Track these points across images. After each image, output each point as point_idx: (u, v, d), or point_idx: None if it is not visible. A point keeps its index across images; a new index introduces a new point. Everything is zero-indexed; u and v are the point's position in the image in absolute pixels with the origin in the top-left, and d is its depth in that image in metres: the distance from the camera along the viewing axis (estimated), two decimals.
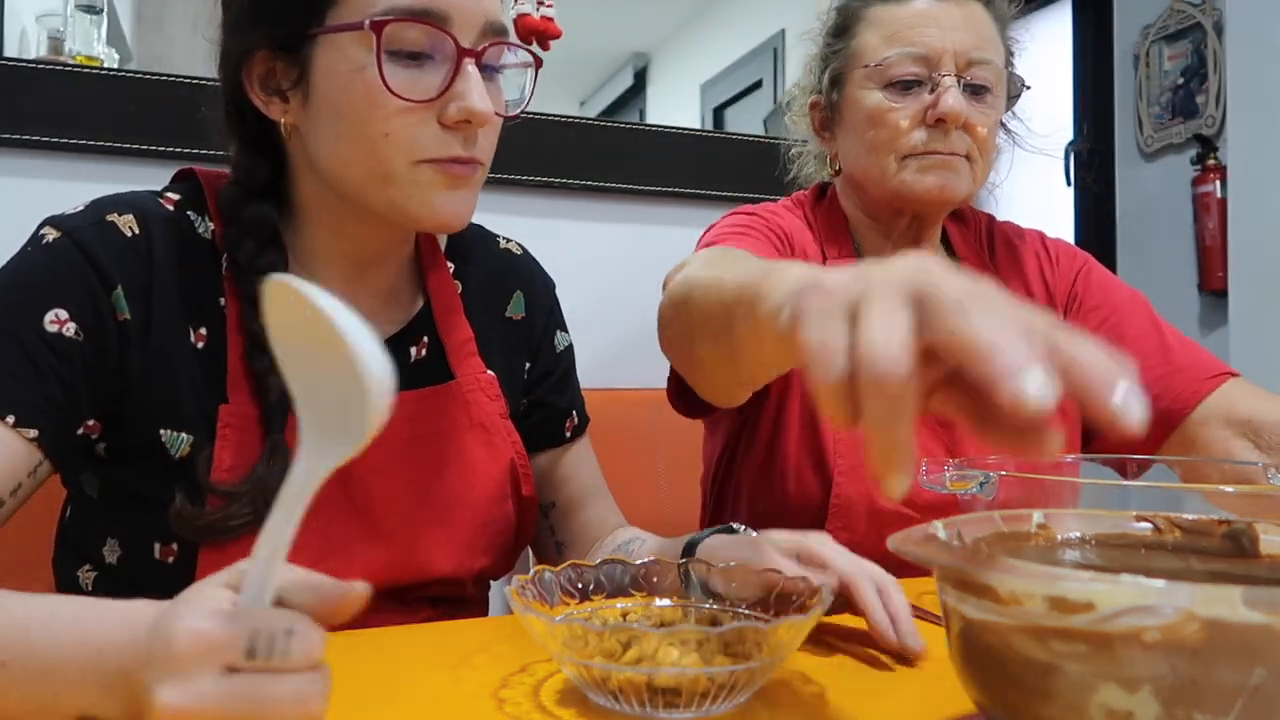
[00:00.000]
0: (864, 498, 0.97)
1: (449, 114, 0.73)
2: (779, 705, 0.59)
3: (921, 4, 1.00)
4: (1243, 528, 0.54)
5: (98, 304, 0.73)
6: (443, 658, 0.65)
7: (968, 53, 0.98)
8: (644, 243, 1.63)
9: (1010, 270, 1.14)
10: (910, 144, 1.00)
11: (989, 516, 0.56)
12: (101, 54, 1.39)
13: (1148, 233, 2.85)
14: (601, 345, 1.59)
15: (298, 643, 0.43)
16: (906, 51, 0.99)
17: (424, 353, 0.87)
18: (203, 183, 0.82)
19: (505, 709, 0.55)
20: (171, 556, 0.75)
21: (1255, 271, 2.20)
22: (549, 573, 0.65)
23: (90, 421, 0.74)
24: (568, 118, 1.59)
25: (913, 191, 1.01)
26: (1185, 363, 1.04)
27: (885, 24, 1.02)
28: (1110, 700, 0.40)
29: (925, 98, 0.99)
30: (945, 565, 0.46)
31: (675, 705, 0.53)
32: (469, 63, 0.73)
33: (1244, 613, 0.37)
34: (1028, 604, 0.41)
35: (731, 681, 0.53)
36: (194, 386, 0.76)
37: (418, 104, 0.72)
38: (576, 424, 0.98)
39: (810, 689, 0.61)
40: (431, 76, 0.73)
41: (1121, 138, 2.93)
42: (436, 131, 0.74)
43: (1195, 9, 2.66)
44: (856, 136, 1.05)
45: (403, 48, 0.72)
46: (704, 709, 0.54)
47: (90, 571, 0.79)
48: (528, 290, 0.96)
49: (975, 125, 0.99)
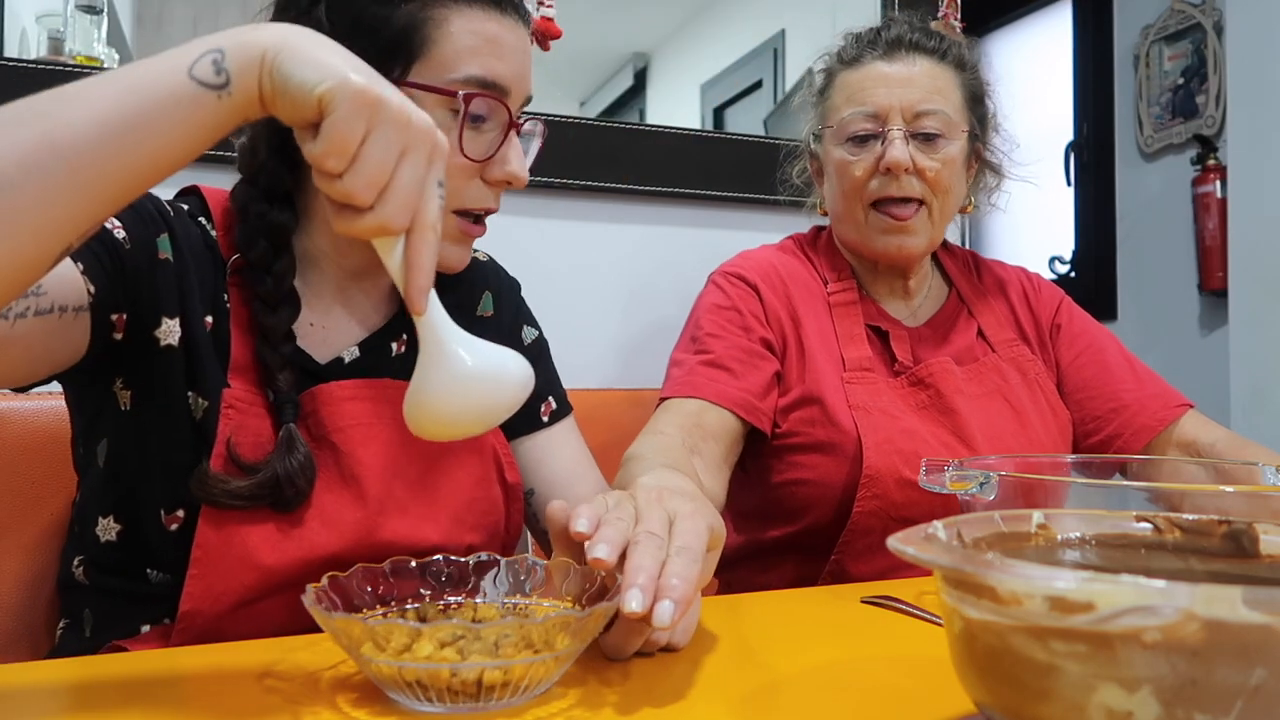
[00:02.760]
0: (892, 470, 1.05)
1: (493, 174, 0.83)
2: (777, 705, 0.59)
3: (876, 67, 1.14)
4: (1243, 528, 0.54)
5: (148, 231, 0.79)
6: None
7: (914, 106, 1.11)
8: (644, 243, 1.63)
9: (997, 294, 1.26)
10: (870, 192, 1.13)
11: (989, 516, 0.56)
12: (101, 54, 1.39)
13: (1148, 233, 2.85)
14: (601, 345, 1.59)
15: None
16: (859, 110, 1.13)
17: (403, 349, 0.92)
18: (207, 198, 0.87)
19: (302, 715, 0.54)
20: (176, 524, 0.79)
21: (1255, 271, 2.20)
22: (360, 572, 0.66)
23: (120, 316, 0.77)
24: (568, 118, 1.59)
25: (875, 249, 1.16)
26: (1155, 390, 1.19)
27: (847, 87, 1.16)
28: (1110, 700, 0.40)
29: (878, 149, 1.12)
30: (945, 565, 0.46)
31: (477, 697, 0.54)
32: (514, 131, 0.83)
33: (1244, 613, 0.37)
34: (1028, 604, 0.41)
35: (520, 676, 0.54)
36: (209, 361, 0.81)
37: (473, 163, 0.81)
38: (555, 409, 1.02)
39: (810, 689, 0.61)
40: (486, 138, 0.82)
41: (1121, 138, 2.93)
42: (480, 186, 0.83)
43: (1195, 9, 2.66)
44: (832, 186, 1.19)
45: (472, 112, 0.80)
46: (507, 699, 0.55)
47: (80, 564, 0.84)
48: (495, 291, 1.03)
49: (924, 170, 1.11)
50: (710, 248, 1.29)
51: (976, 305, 1.23)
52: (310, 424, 0.84)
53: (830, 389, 1.10)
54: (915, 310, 1.22)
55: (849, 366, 1.12)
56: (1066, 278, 3.04)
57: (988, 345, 1.19)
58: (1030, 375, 1.18)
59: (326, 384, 0.85)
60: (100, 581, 0.83)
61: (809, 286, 1.19)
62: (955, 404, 1.11)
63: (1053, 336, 1.24)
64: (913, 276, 1.21)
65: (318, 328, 0.88)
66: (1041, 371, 1.19)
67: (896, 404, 1.11)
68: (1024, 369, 1.18)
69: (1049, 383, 1.19)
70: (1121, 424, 1.16)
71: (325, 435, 0.84)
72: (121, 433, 0.81)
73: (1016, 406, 1.14)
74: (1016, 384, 1.16)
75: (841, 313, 1.16)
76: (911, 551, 0.47)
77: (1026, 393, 1.16)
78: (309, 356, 0.86)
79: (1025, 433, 1.13)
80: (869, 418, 1.08)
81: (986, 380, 1.16)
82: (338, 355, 0.88)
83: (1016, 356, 1.19)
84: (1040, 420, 1.15)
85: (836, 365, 1.12)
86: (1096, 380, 1.20)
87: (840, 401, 1.09)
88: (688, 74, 1.81)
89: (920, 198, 1.13)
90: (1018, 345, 1.20)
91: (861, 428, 1.07)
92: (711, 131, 1.72)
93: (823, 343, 1.14)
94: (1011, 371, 1.17)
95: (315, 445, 0.83)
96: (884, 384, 1.12)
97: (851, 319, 1.16)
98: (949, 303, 1.23)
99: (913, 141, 1.11)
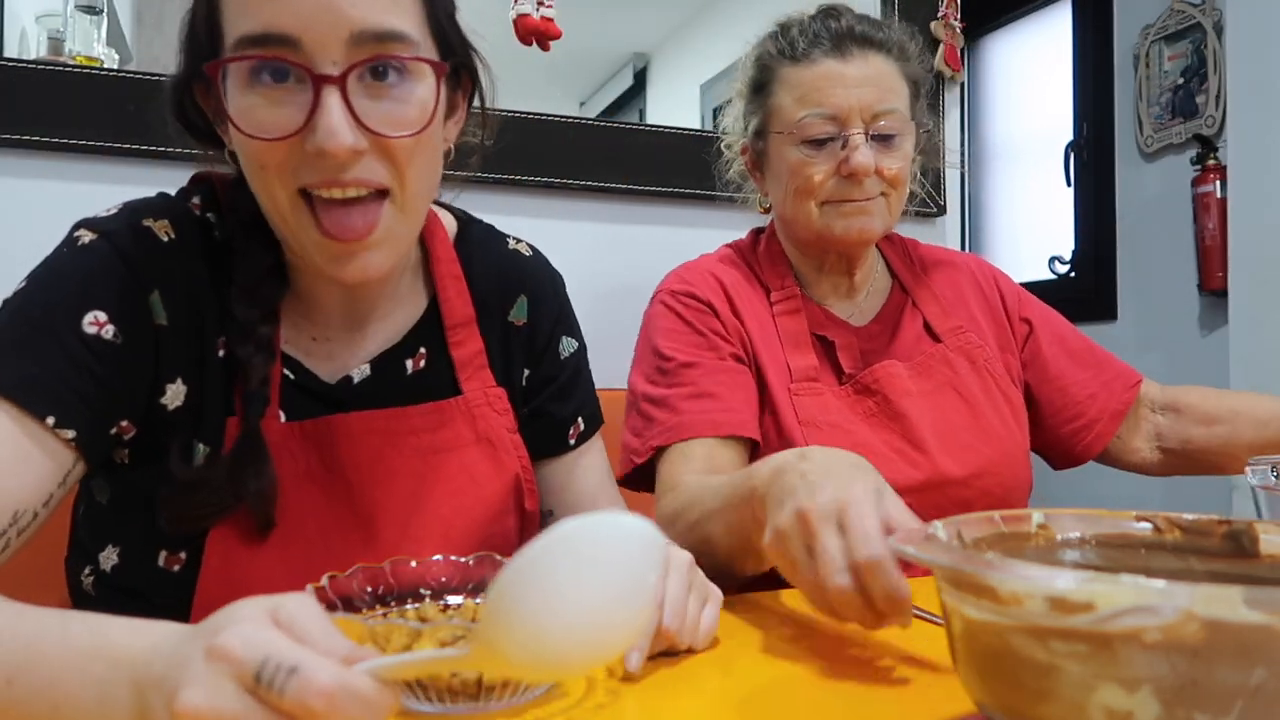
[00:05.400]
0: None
1: (306, 148, 0.67)
2: (778, 705, 0.59)
3: (826, 65, 1.09)
4: (1243, 528, 0.54)
5: (135, 307, 0.72)
6: None
7: (872, 107, 1.08)
8: (643, 243, 1.63)
9: (941, 281, 1.25)
10: (827, 192, 1.11)
11: (989, 516, 0.56)
12: (101, 54, 1.38)
13: (1148, 233, 2.85)
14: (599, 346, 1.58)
15: (295, 683, 0.42)
16: (817, 113, 1.09)
17: (422, 364, 0.84)
18: (217, 187, 0.81)
19: None
20: (178, 565, 0.75)
21: (1255, 271, 2.20)
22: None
23: (123, 423, 0.73)
24: (568, 118, 1.59)
25: (834, 235, 1.12)
26: (1116, 371, 1.24)
27: (796, 85, 1.11)
28: (1110, 700, 0.40)
29: (838, 152, 1.09)
30: (945, 565, 0.46)
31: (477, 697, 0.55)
32: (328, 91, 0.66)
33: (1244, 613, 0.37)
34: (1028, 604, 0.41)
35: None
36: (214, 397, 0.76)
37: (276, 141, 0.67)
38: (583, 430, 0.94)
39: (810, 689, 0.61)
40: (291, 102, 0.67)
41: (1121, 138, 2.92)
42: (303, 163, 0.69)
43: (1195, 9, 2.66)
44: (780, 185, 1.15)
45: (254, 82, 0.67)
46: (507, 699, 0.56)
47: (90, 575, 0.79)
48: (533, 295, 0.93)
49: (885, 169, 1.09)
50: (710, 247, 1.29)
51: (919, 294, 1.21)
52: (324, 455, 0.78)
53: (781, 401, 1.09)
54: (860, 306, 1.20)
55: (795, 377, 1.10)
56: (1066, 278, 3.04)
57: (933, 337, 1.18)
58: (979, 362, 1.17)
59: (343, 415, 0.79)
60: (108, 596, 0.79)
61: (751, 297, 1.16)
62: (903, 408, 1.10)
63: (1026, 336, 1.24)
64: (859, 270, 1.19)
65: (321, 342, 0.81)
66: (992, 357, 1.18)
67: (844, 414, 1.09)
68: (972, 357, 1.17)
69: (999, 367, 1.18)
70: (1099, 409, 1.21)
71: (341, 470, 0.78)
72: (122, 483, 0.77)
73: (967, 397, 1.14)
74: (966, 373, 1.15)
75: (786, 321, 1.14)
76: (912, 551, 0.47)
77: (977, 381, 1.15)
78: (314, 376, 0.80)
79: (978, 423, 1.12)
80: (819, 433, 1.07)
81: (936, 374, 1.15)
82: (346, 374, 0.81)
83: (964, 345, 1.17)
84: (993, 408, 1.14)
85: (783, 375, 1.11)
86: (1070, 369, 1.23)
87: (790, 416, 1.08)
88: (688, 74, 1.81)
89: (883, 193, 1.11)
90: (964, 333, 1.19)
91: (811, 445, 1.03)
92: (711, 131, 1.72)
93: (769, 353, 1.12)
94: (960, 361, 1.16)
95: (328, 479, 0.78)
96: (830, 395, 1.11)
97: (796, 327, 1.14)
98: (893, 296, 1.22)
99: (871, 142, 1.08)
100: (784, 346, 1.13)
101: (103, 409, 0.70)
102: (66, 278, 0.71)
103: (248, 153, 0.70)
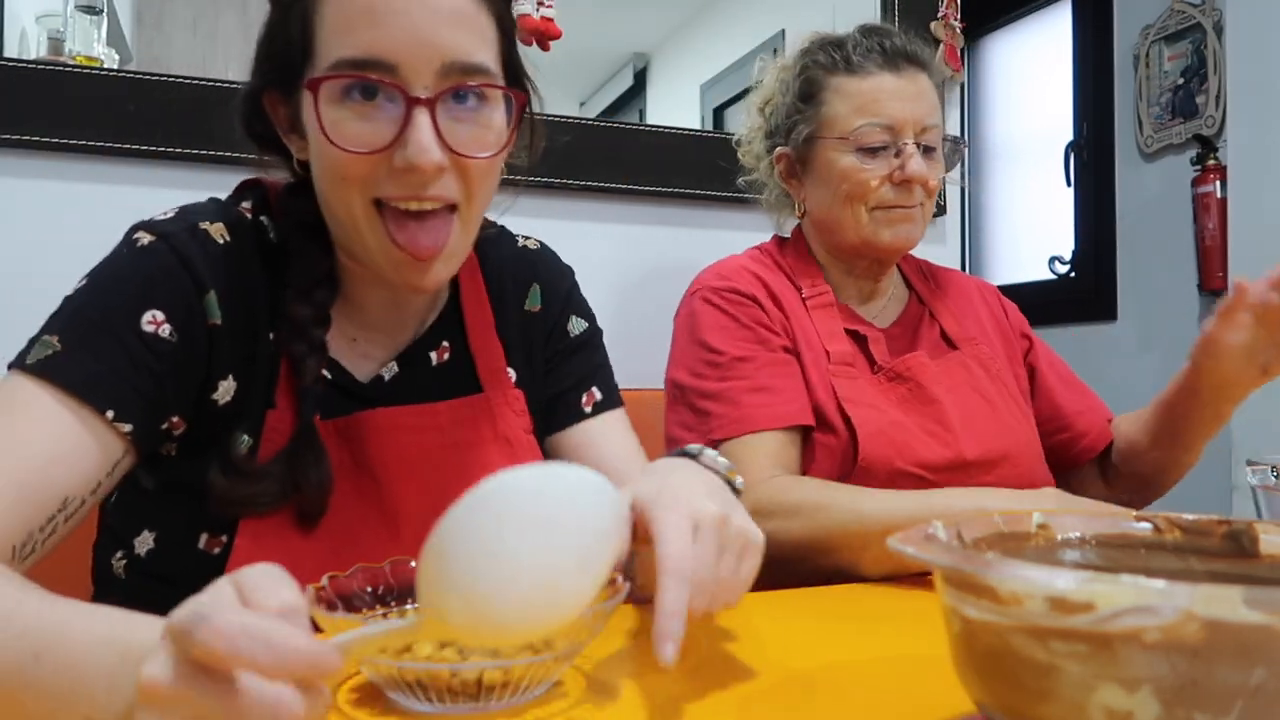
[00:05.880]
0: (886, 461, 1.10)
1: (395, 162, 0.73)
2: (779, 705, 0.59)
3: (881, 78, 1.18)
4: (1243, 528, 0.54)
5: (191, 307, 0.75)
6: None
7: (922, 120, 1.18)
8: (644, 243, 1.63)
9: (955, 298, 1.33)
10: (879, 198, 1.18)
11: (989, 516, 0.56)
12: (101, 54, 1.39)
13: (1148, 233, 2.85)
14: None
15: (201, 630, 0.41)
16: (874, 122, 1.17)
17: (446, 358, 0.88)
18: (269, 192, 0.85)
19: None
20: (218, 547, 0.77)
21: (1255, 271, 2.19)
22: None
23: (175, 418, 0.76)
24: (568, 118, 1.59)
25: (880, 242, 1.19)
26: (1098, 402, 1.33)
27: (852, 95, 1.18)
28: (1110, 700, 0.40)
29: (892, 160, 1.17)
30: (945, 565, 0.46)
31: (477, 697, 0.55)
32: (419, 111, 0.72)
33: (1244, 613, 0.37)
34: (1028, 604, 0.41)
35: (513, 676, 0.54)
36: (258, 391, 0.79)
37: (364, 155, 0.72)
38: (599, 400, 0.96)
39: (810, 689, 0.61)
40: (382, 119, 0.72)
41: (1121, 138, 2.93)
42: (394, 174, 0.74)
43: (1195, 9, 2.66)
44: (829, 189, 1.21)
45: (348, 101, 0.72)
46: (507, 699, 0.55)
47: (122, 559, 0.81)
48: (544, 281, 0.97)
49: (929, 180, 1.18)
50: (710, 247, 1.29)
51: (935, 306, 1.29)
52: (355, 451, 0.81)
53: (819, 385, 1.14)
54: (882, 312, 1.27)
55: (834, 360, 1.16)
56: (1066, 278, 3.04)
57: (950, 345, 1.25)
58: (993, 370, 1.24)
59: (373, 411, 0.82)
60: (138, 581, 0.81)
61: (786, 290, 1.22)
62: (935, 394, 1.16)
63: (1026, 351, 1.33)
64: (884, 277, 1.26)
65: (359, 343, 0.85)
66: (1004, 368, 1.26)
67: (881, 398, 1.15)
68: (987, 365, 1.24)
69: (1009, 377, 1.25)
70: (1087, 424, 1.29)
71: (369, 466, 0.81)
72: (168, 472, 0.79)
73: (988, 398, 1.20)
74: (982, 378, 1.22)
75: (820, 314, 1.20)
76: (911, 551, 0.47)
77: (993, 386, 1.22)
78: (350, 375, 0.84)
79: (998, 421, 1.18)
80: (860, 410, 1.12)
81: (956, 374, 1.21)
82: (378, 373, 0.85)
83: (979, 354, 1.25)
84: (1008, 410, 1.21)
85: (821, 360, 1.16)
86: (1059, 387, 1.32)
87: (829, 396, 1.13)
88: (688, 74, 1.81)
89: (921, 203, 1.20)
90: (978, 344, 1.26)
91: (855, 420, 1.11)
92: (711, 131, 1.72)
93: (806, 341, 1.17)
94: (976, 367, 1.23)
95: (358, 474, 0.80)
96: (866, 380, 1.16)
97: (830, 319, 1.20)
98: (910, 306, 1.29)
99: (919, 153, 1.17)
100: (820, 335, 1.18)
101: (158, 405, 0.74)
102: (125, 278, 0.75)
103: (331, 163, 0.74)
